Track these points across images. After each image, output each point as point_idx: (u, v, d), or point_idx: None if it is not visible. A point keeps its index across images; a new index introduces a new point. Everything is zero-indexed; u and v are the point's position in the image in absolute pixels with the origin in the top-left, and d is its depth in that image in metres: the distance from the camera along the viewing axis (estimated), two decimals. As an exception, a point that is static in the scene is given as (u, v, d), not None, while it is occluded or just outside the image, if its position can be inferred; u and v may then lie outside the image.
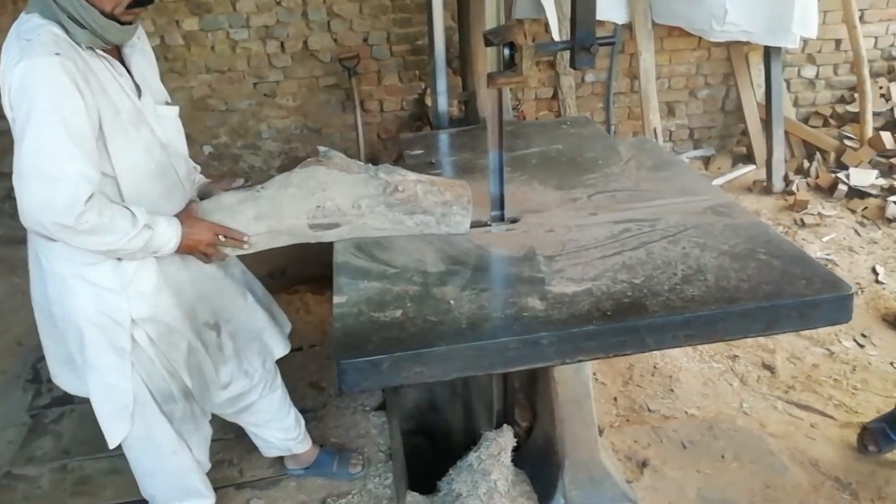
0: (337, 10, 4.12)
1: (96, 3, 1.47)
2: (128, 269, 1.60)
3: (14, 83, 1.39)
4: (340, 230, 1.72)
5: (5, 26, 1.44)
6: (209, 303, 1.81)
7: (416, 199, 1.74)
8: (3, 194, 4.29)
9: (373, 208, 1.72)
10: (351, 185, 1.73)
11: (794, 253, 1.57)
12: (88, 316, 1.62)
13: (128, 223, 1.50)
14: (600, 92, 4.53)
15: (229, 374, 1.88)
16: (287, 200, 1.71)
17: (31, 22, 1.45)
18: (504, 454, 1.99)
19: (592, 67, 4.25)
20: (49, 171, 1.40)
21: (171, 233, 1.59)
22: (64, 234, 1.44)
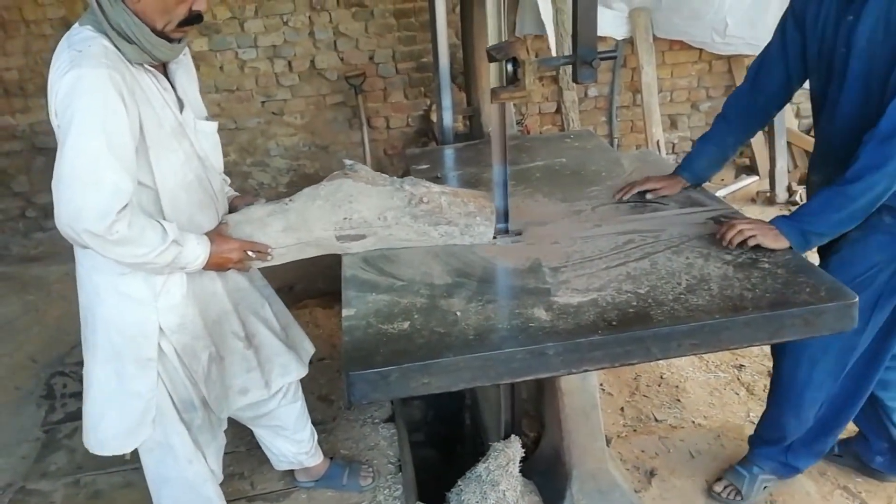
0: (343, 29, 4.18)
1: (148, 21, 1.50)
2: (158, 280, 1.63)
3: (62, 91, 1.42)
4: (366, 241, 1.76)
5: (17, 49, 1.49)
6: (238, 314, 1.84)
7: (441, 210, 1.78)
8: (16, 213, 4.36)
9: (398, 219, 1.76)
10: (377, 196, 1.77)
11: (798, 262, 1.59)
12: (117, 325, 1.65)
13: (157, 237, 1.53)
14: (603, 106, 4.57)
15: (250, 383, 1.89)
16: (315, 212, 1.75)
17: (83, 34, 1.48)
18: (512, 465, 2.01)
19: (595, 82, 4.31)
20: (85, 178, 1.42)
21: (199, 250, 1.61)
22: (94, 242, 1.46)
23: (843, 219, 1.62)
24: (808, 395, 1.93)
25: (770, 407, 2.08)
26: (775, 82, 1.87)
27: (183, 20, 1.54)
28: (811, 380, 1.91)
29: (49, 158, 4.74)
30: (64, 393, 2.88)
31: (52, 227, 4.32)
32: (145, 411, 1.71)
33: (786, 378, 1.98)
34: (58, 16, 3.95)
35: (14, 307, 3.62)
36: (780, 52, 1.84)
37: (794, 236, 1.63)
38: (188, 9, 1.53)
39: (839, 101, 1.71)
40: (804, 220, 1.64)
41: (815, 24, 1.73)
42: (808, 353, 1.88)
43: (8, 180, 4.28)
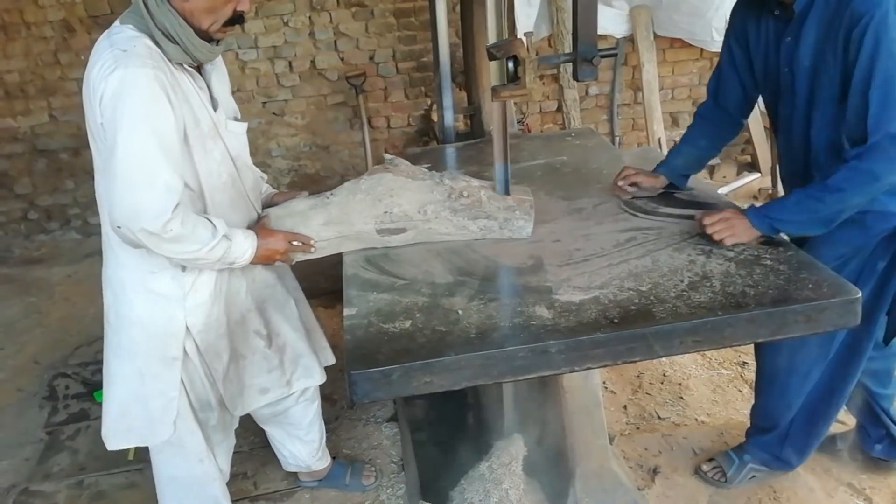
0: (343, 29, 4.18)
1: (193, 22, 1.51)
2: (187, 279, 1.64)
3: (108, 91, 1.42)
4: (406, 235, 1.78)
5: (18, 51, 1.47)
6: (263, 312, 1.85)
7: (481, 204, 1.79)
8: (18, 216, 4.37)
9: (438, 213, 1.77)
10: (417, 190, 1.79)
11: (801, 258, 1.59)
12: (144, 324, 1.65)
13: (208, 234, 1.55)
14: (604, 104, 4.57)
15: (271, 383, 1.90)
16: (356, 206, 1.76)
17: (126, 33, 1.49)
18: (515, 463, 2.01)
19: (595, 80, 4.29)
20: (140, 178, 1.44)
21: (247, 245, 1.64)
22: (150, 240, 1.48)
23: (814, 222, 1.65)
24: (793, 382, 1.96)
25: (758, 397, 2.12)
26: (734, 96, 1.93)
27: (227, 20, 1.56)
28: (793, 367, 1.93)
29: (50, 161, 4.75)
30: (66, 394, 2.88)
31: (54, 229, 4.38)
32: (166, 410, 1.72)
33: (768, 367, 2.01)
34: (58, 18, 3.96)
35: (16, 309, 3.63)
36: (731, 69, 1.89)
37: (765, 230, 1.66)
38: (233, 9, 1.55)
39: (793, 118, 1.74)
40: (775, 216, 1.66)
41: (758, 43, 1.77)
42: (787, 342, 1.88)
43: (10, 182, 4.29)
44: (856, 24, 1.51)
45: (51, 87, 4.10)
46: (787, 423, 2.05)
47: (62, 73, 4.08)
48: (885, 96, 1.52)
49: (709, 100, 1.99)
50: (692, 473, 2.23)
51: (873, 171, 1.55)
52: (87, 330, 3.30)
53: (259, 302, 1.84)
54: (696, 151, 2.01)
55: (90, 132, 1.53)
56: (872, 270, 1.77)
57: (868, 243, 1.75)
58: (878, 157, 1.54)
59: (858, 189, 1.58)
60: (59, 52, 4.03)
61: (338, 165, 4.53)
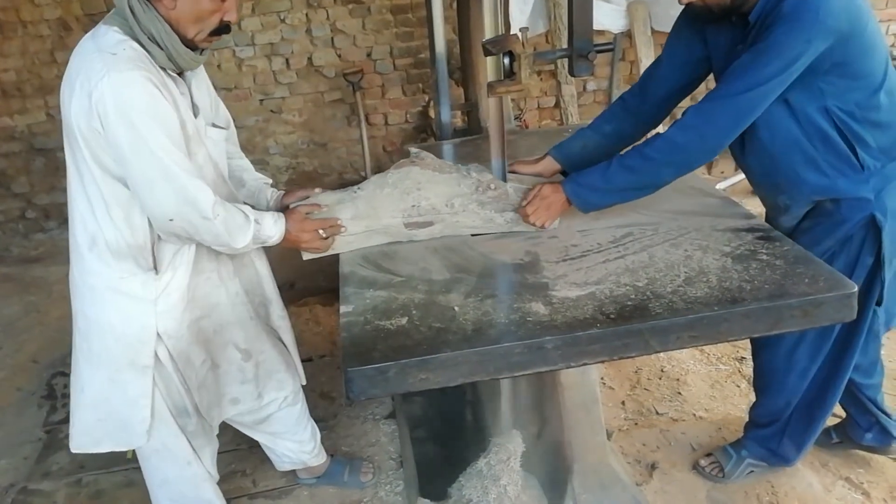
0: (340, 26, 4.18)
1: (180, 29, 1.51)
2: (159, 283, 1.63)
3: (107, 97, 1.40)
4: (434, 228, 1.79)
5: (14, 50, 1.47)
6: (245, 328, 1.85)
7: (507, 197, 1.80)
8: (17, 214, 4.36)
9: (465, 206, 1.78)
10: (444, 184, 1.79)
11: (797, 253, 1.59)
12: (115, 331, 1.64)
13: (242, 217, 1.62)
14: (602, 100, 4.56)
15: (242, 394, 1.90)
16: (383, 200, 1.77)
17: (112, 36, 1.48)
18: (513, 459, 2.01)
19: (592, 75, 4.30)
20: (179, 171, 1.49)
21: (275, 228, 1.68)
22: (204, 226, 1.54)
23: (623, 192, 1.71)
24: (791, 378, 1.96)
25: (757, 393, 2.12)
26: (664, 87, 1.90)
27: (213, 29, 1.55)
28: (791, 363, 1.93)
29: (48, 159, 4.76)
30: (65, 393, 2.88)
31: (52, 227, 4.37)
32: (140, 420, 1.71)
33: (766, 364, 2.01)
34: (54, 16, 3.95)
35: (15, 308, 3.63)
36: (668, 63, 1.87)
37: (579, 204, 1.73)
38: (220, 19, 1.55)
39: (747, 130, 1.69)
40: (588, 196, 1.72)
41: (716, 46, 1.76)
42: (785, 340, 1.90)
43: (7, 182, 4.29)
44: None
45: (48, 85, 4.09)
46: (785, 419, 2.06)
47: (59, 71, 4.07)
48: (727, 75, 1.58)
49: (636, 86, 1.95)
50: (690, 469, 2.24)
51: (676, 140, 1.61)
52: (86, 328, 3.30)
53: (241, 317, 1.83)
54: (598, 138, 1.94)
55: (70, 133, 1.51)
56: (862, 264, 1.77)
57: (850, 232, 1.74)
58: (684, 129, 1.60)
59: (667, 158, 1.63)
60: (56, 51, 4.02)
61: (335, 163, 4.53)
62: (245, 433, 2.08)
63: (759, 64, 1.53)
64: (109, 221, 1.55)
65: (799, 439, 2.08)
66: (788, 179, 1.74)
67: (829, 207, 1.73)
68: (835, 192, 1.70)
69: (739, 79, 1.55)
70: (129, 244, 1.58)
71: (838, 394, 1.97)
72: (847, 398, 2.08)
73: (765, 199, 1.91)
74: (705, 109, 1.60)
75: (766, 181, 1.82)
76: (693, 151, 1.63)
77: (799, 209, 1.80)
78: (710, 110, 1.59)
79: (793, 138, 1.67)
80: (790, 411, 2.03)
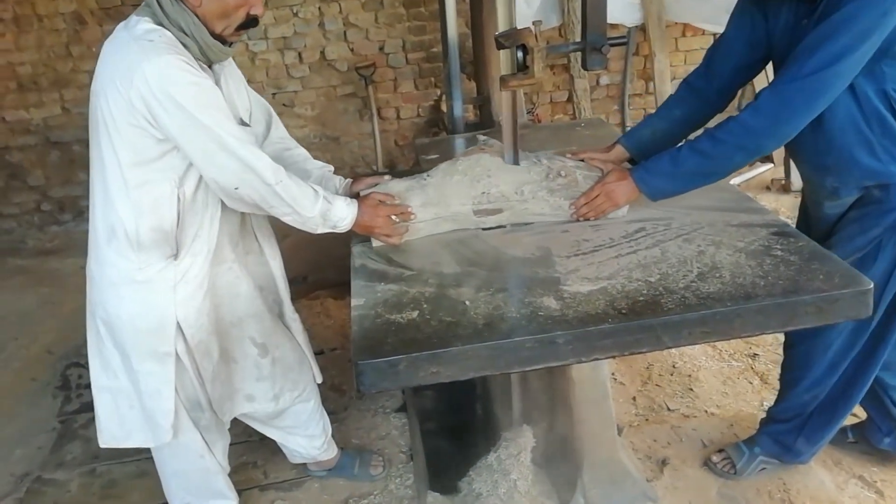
0: (353, 19, 4.18)
1: (207, 23, 1.53)
2: (178, 269, 1.64)
3: (149, 80, 1.42)
4: (502, 216, 1.79)
5: (30, 44, 1.47)
6: (262, 322, 1.85)
7: (577, 184, 1.80)
8: (32, 207, 4.41)
9: (535, 193, 1.78)
10: (514, 171, 1.80)
11: (812, 249, 1.57)
12: (134, 321, 1.64)
13: (311, 191, 1.63)
14: (615, 94, 4.54)
15: (258, 392, 1.90)
16: (453, 187, 1.78)
17: (145, 25, 1.50)
18: (524, 454, 2.01)
19: (605, 69, 4.27)
20: (234, 143, 1.51)
21: (347, 211, 1.68)
22: (269, 193, 1.57)
23: (694, 177, 1.68)
24: (823, 374, 1.92)
25: (784, 388, 2.06)
26: (730, 64, 1.83)
27: (240, 24, 1.57)
28: (826, 358, 1.89)
29: (63, 152, 4.79)
30: (79, 384, 2.91)
31: (67, 220, 4.41)
32: (165, 413, 1.71)
33: (802, 359, 1.95)
34: (70, 10, 3.98)
35: (30, 300, 3.67)
36: (734, 40, 1.81)
37: (647, 191, 1.71)
38: (246, 13, 1.56)
39: None
40: (656, 183, 1.70)
41: (776, 23, 1.70)
42: (823, 336, 1.86)
43: (23, 174, 4.33)
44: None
45: (63, 79, 4.12)
46: (806, 415, 2.02)
47: (74, 65, 4.10)
48: (797, 54, 1.52)
49: (701, 67, 1.90)
50: (701, 465, 2.23)
51: (749, 123, 1.57)
52: (100, 320, 3.33)
53: (259, 311, 1.84)
54: (666, 124, 1.90)
55: (98, 123, 1.53)
56: None
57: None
58: (758, 112, 1.56)
59: (740, 142, 1.59)
60: (71, 45, 4.05)
61: (347, 156, 4.53)
62: (257, 429, 2.09)
63: (830, 40, 1.47)
64: (133, 211, 1.56)
65: (816, 436, 2.05)
66: (840, 161, 1.68)
67: (877, 195, 1.68)
68: (886, 177, 1.65)
69: (811, 58, 1.50)
70: (155, 231, 1.58)
71: (864, 391, 1.93)
72: (870, 400, 2.05)
73: (810, 181, 1.85)
74: (779, 91, 1.55)
75: (816, 161, 1.75)
76: (766, 135, 1.58)
77: (847, 194, 1.74)
78: (784, 92, 1.54)
79: (850, 119, 1.62)
80: (814, 407, 2.00)
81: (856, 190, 1.73)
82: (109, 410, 1.76)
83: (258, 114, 1.86)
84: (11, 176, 4.33)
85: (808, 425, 2.04)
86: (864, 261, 1.73)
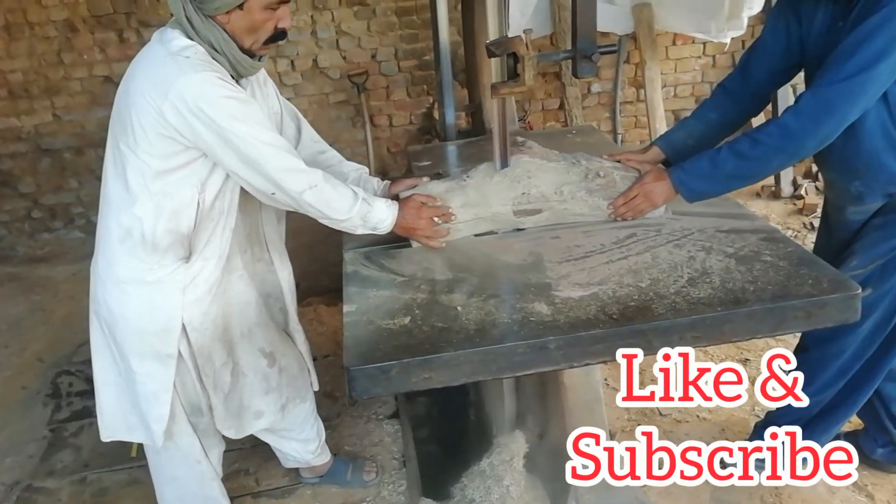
0: (345, 28, 4.19)
1: (236, 38, 1.54)
2: (189, 272, 1.65)
3: (185, 95, 1.45)
4: (541, 216, 1.80)
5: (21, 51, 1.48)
6: (269, 331, 1.85)
7: (615, 185, 1.81)
8: (23, 214, 4.39)
9: (574, 194, 1.80)
10: (554, 171, 1.81)
11: (801, 254, 1.59)
12: (140, 320, 1.65)
13: (350, 193, 1.65)
14: (607, 102, 4.57)
15: (266, 406, 1.89)
16: (493, 188, 1.79)
17: (180, 41, 1.52)
18: (516, 460, 2.01)
19: (595, 76, 4.31)
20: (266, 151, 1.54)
21: (387, 213, 1.69)
22: (301, 204, 1.60)
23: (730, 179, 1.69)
24: (832, 378, 1.92)
25: None
26: (766, 67, 1.85)
27: (268, 38, 1.58)
28: (837, 367, 1.89)
29: (54, 160, 4.76)
30: (70, 392, 2.90)
31: (58, 227, 4.39)
32: (157, 419, 1.71)
33: (815, 363, 1.93)
34: (61, 18, 3.97)
35: (21, 307, 3.65)
36: (772, 39, 1.81)
37: (685, 192, 1.72)
38: (274, 26, 1.57)
39: None
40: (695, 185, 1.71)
41: (811, 25, 1.71)
42: (839, 341, 1.86)
43: (14, 182, 4.31)
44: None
45: (54, 86, 4.11)
46: (807, 419, 2.01)
47: (66, 72, 4.09)
48: (836, 56, 1.52)
49: (736, 71, 1.90)
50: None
51: (790, 126, 1.57)
52: (91, 328, 3.32)
53: (265, 320, 1.84)
54: (703, 127, 1.91)
55: (125, 132, 1.54)
56: None
57: None
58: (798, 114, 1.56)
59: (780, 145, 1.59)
60: (63, 52, 4.04)
61: (340, 164, 4.53)
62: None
63: (868, 42, 1.48)
64: (153, 214, 1.57)
65: (814, 441, 2.05)
66: (868, 164, 1.69)
67: None
68: None
69: (849, 60, 1.50)
70: (172, 234, 1.60)
71: (866, 397, 1.93)
72: (867, 412, 2.05)
73: (835, 185, 1.85)
74: (819, 94, 1.55)
75: (843, 164, 1.74)
76: (806, 137, 1.58)
77: (872, 200, 1.75)
78: (824, 94, 1.54)
79: (880, 123, 1.63)
80: (816, 411, 1.99)
81: (881, 196, 1.74)
82: (112, 405, 1.77)
83: (288, 118, 1.89)
84: (2, 183, 4.31)
85: (806, 430, 2.04)
86: (885, 268, 1.74)
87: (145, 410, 1.72)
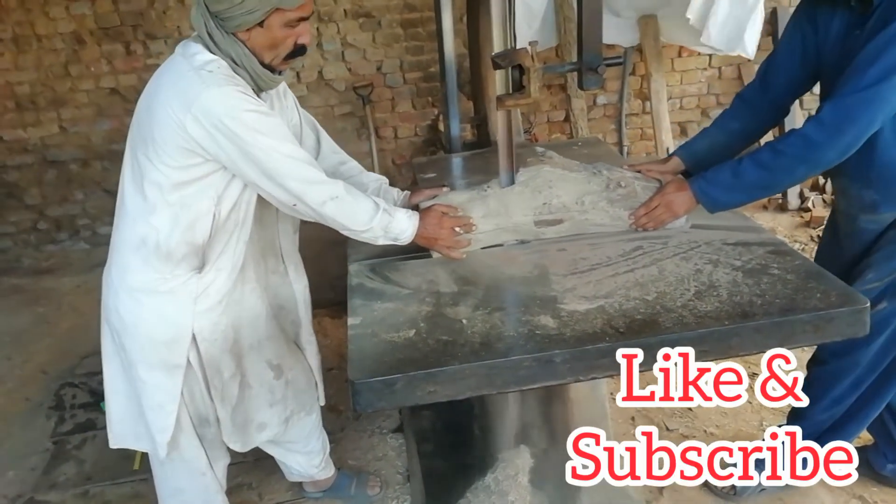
0: (351, 40, 4.20)
1: (256, 54, 1.55)
2: (202, 282, 1.65)
3: (209, 109, 1.46)
4: (562, 226, 1.80)
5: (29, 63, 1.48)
6: (278, 344, 1.85)
7: (636, 195, 1.81)
8: (28, 226, 4.40)
9: (595, 204, 1.79)
10: (575, 182, 1.82)
11: (809, 267, 1.57)
12: (150, 329, 1.65)
13: (371, 204, 1.65)
14: (612, 114, 4.57)
15: (270, 418, 1.88)
16: (514, 198, 1.80)
17: (204, 55, 1.53)
18: (521, 475, 1.99)
19: (601, 88, 4.31)
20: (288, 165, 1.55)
21: (408, 223, 1.68)
22: (321, 216, 1.61)
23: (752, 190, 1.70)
24: (845, 392, 1.90)
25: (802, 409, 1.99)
26: (785, 77, 1.84)
27: (288, 53, 1.59)
28: (850, 381, 1.88)
29: (60, 171, 4.78)
30: (73, 404, 2.89)
31: (63, 239, 4.41)
32: (161, 430, 1.71)
33: (829, 376, 1.92)
34: (69, 30, 4.00)
35: (25, 319, 3.65)
36: (788, 49, 1.81)
37: (706, 203, 1.72)
38: (294, 43, 1.58)
39: None
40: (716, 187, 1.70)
41: (827, 34, 1.70)
42: (854, 354, 1.84)
43: (20, 193, 4.32)
44: None
45: (61, 98, 4.14)
46: (818, 434, 1.98)
47: (72, 84, 4.12)
48: (856, 66, 1.52)
49: (755, 80, 1.90)
50: (700, 486, 2.20)
51: (812, 136, 1.57)
52: (95, 340, 3.23)
53: (274, 333, 1.84)
54: (724, 137, 1.91)
55: (145, 144, 1.55)
56: None
57: None
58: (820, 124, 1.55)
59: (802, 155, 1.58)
60: (70, 64, 4.07)
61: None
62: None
63: (887, 51, 1.48)
64: (169, 224, 1.58)
65: None
66: (884, 174, 1.68)
67: None
68: None
69: (869, 69, 1.50)
70: (187, 245, 1.60)
71: (878, 412, 1.91)
72: (878, 427, 2.03)
73: (847, 193, 1.82)
74: (841, 103, 1.55)
75: (857, 173, 1.72)
76: (828, 147, 1.57)
77: (887, 209, 1.73)
78: (845, 104, 1.54)
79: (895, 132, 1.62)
80: (829, 425, 1.97)
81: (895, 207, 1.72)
82: (122, 413, 1.77)
83: (308, 129, 1.89)
84: (8, 195, 4.32)
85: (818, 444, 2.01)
86: None
87: (150, 421, 1.72)
